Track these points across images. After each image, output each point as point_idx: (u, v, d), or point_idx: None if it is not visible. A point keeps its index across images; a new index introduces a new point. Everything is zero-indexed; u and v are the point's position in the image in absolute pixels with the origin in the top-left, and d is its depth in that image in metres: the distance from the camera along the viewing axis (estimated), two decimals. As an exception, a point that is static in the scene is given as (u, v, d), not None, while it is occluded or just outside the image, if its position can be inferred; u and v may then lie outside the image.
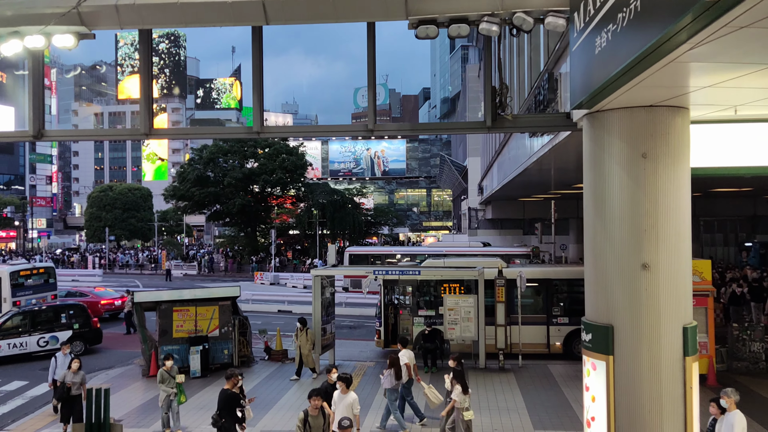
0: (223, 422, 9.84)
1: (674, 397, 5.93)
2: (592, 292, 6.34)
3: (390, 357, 12.33)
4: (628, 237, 5.98)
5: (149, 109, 7.57)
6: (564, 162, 14.87)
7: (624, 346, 6.02)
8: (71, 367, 11.97)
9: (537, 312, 17.86)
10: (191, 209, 54.97)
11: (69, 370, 11.97)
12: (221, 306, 16.90)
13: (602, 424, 6.15)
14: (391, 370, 11.80)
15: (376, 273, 17.17)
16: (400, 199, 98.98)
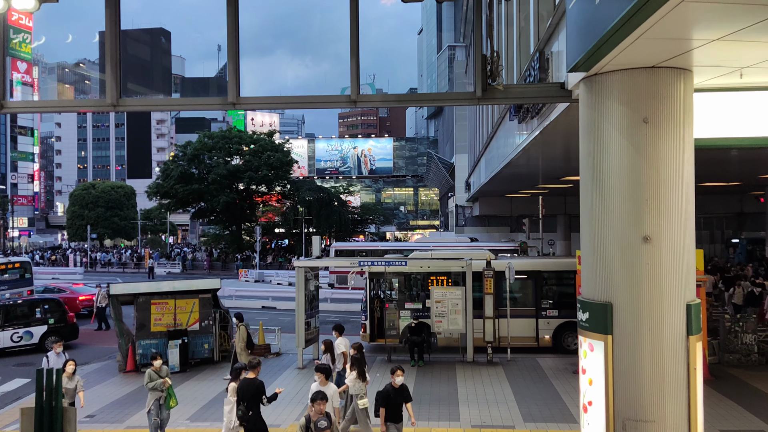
0: (251, 414, 9.13)
1: (677, 378, 5.54)
2: (590, 268, 5.95)
3: (324, 342, 12.54)
4: (628, 208, 5.59)
5: (117, 78, 7.08)
6: (552, 149, 14.53)
7: (624, 324, 5.63)
8: (65, 370, 10.45)
9: (526, 305, 17.50)
10: (175, 207, 54.20)
11: (63, 375, 10.28)
12: (201, 299, 16.37)
13: (600, 408, 5.75)
14: (327, 355, 11.95)
15: (362, 264, 16.72)
16: (387, 198, 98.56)
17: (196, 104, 7.93)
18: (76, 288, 26.79)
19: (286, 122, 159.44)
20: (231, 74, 6.94)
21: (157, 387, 10.27)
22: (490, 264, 16.23)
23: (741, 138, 6.62)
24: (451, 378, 14.50)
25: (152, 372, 10.49)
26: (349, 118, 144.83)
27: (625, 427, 5.60)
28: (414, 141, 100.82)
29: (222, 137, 52.17)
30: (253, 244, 49.37)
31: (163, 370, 10.61)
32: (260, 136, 54.15)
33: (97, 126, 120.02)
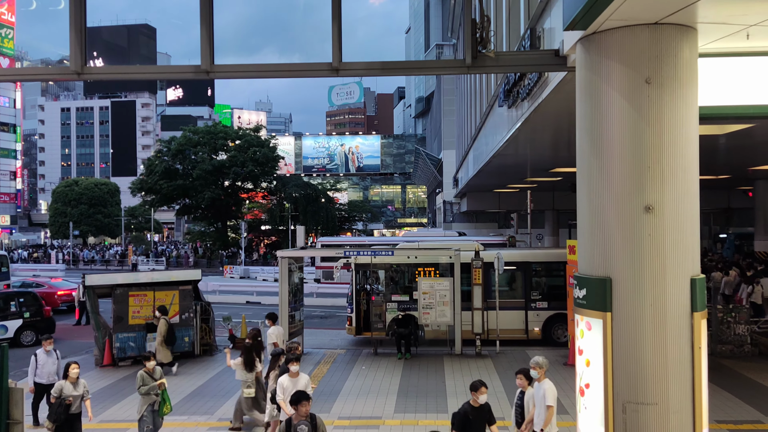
0: None
1: (681, 357, 5.18)
2: (587, 242, 5.56)
3: (252, 330, 12.26)
4: (629, 175, 5.21)
5: (81, 45, 6.60)
6: (542, 136, 14.19)
7: (624, 301, 5.25)
8: (69, 375, 9.00)
9: (515, 296, 17.16)
10: (159, 203, 53.41)
11: (66, 381, 9.01)
12: (182, 291, 15.86)
13: (598, 390, 5.36)
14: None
15: (347, 253, 16.29)
16: (374, 196, 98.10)
17: (165, 72, 7.46)
18: (55, 283, 26.13)
19: (273, 121, 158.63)
20: (204, 39, 6.49)
21: (151, 391, 9.23)
22: (479, 254, 15.86)
23: (747, 106, 6.27)
24: (438, 370, 14.11)
25: (145, 374, 9.37)
26: (337, 116, 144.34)
27: (625, 410, 5.22)
28: (402, 138, 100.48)
29: (207, 132, 51.45)
30: (238, 241, 48.72)
31: (157, 371, 9.52)
32: (246, 132, 53.47)
33: (81, 123, 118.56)
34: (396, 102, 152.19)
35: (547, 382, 7.67)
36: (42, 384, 10.67)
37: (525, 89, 11.10)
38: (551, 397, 7.54)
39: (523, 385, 7.90)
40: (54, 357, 10.90)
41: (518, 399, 8.04)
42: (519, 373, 8.02)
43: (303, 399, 6.46)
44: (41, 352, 10.92)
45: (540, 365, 7.69)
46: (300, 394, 6.59)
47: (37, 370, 10.78)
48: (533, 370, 7.72)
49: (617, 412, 5.26)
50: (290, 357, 8.70)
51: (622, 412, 5.23)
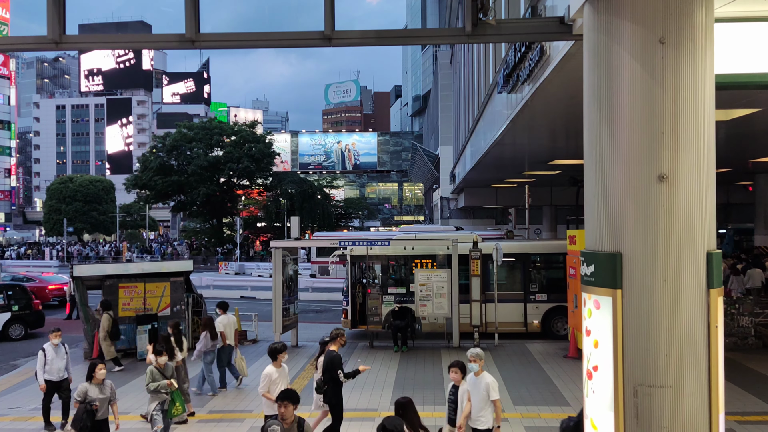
0: (326, 388, 8.40)
1: (696, 337, 4.84)
2: (595, 215, 5.22)
3: (204, 318, 12.26)
4: (642, 143, 4.87)
5: (59, 13, 6.24)
6: (541, 122, 13.83)
7: (635, 277, 4.90)
8: (94, 376, 8.00)
9: (514, 289, 16.82)
10: (154, 199, 52.99)
11: (90, 383, 8.00)
12: (173, 282, 15.48)
13: (607, 373, 5.02)
14: (206, 332, 11.62)
15: (342, 243, 15.93)
16: (371, 194, 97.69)
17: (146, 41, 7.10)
18: (46, 277, 25.77)
19: (270, 119, 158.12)
20: (188, 4, 6.12)
21: (161, 389, 8.46)
22: (477, 245, 15.52)
23: (764, 74, 5.92)
24: (436, 363, 13.78)
25: (155, 370, 8.54)
26: (334, 114, 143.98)
27: (636, 393, 4.88)
28: (398, 136, 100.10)
29: (202, 128, 51.02)
30: (233, 237, 48.31)
31: (168, 368, 8.73)
32: (242, 127, 53.02)
33: (77, 120, 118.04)
34: (393, 100, 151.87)
35: (488, 375, 7.36)
36: (52, 381, 9.93)
37: (525, 71, 10.77)
38: (496, 390, 7.26)
39: (457, 379, 7.44)
40: (63, 351, 10.10)
41: (451, 394, 7.53)
42: (453, 366, 7.52)
43: (284, 398, 5.69)
44: (49, 346, 10.02)
45: (480, 357, 7.35)
46: (290, 394, 5.81)
47: (45, 366, 9.92)
48: (473, 362, 7.33)
49: (628, 395, 4.91)
50: (278, 348, 8.32)
51: (633, 395, 4.89)
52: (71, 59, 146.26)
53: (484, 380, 7.27)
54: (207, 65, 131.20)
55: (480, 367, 7.31)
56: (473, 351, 7.41)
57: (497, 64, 16.10)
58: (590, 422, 5.27)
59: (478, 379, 7.29)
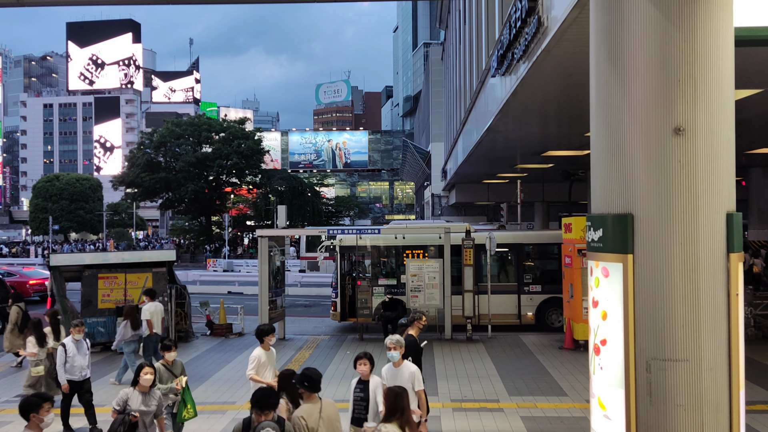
0: None
1: (715, 306, 4.41)
2: (603, 174, 4.77)
3: (126, 306, 11.94)
4: (656, 92, 4.43)
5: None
6: (535, 106, 13.43)
7: (648, 240, 4.47)
8: (139, 381, 6.51)
9: (507, 280, 16.41)
10: (141, 197, 52.24)
11: (135, 389, 6.54)
12: (155, 273, 14.92)
13: (617, 347, 4.57)
14: (127, 321, 11.35)
15: (331, 231, 15.45)
16: (362, 193, 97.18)
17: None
18: (27, 272, 25.08)
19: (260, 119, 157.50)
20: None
21: (170, 391, 7.41)
22: (470, 234, 15.08)
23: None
24: (428, 354, 13.26)
25: (162, 368, 7.46)
26: (324, 114, 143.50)
27: (649, 368, 4.43)
28: (389, 134, 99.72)
29: (191, 124, 50.34)
30: (222, 236, 47.67)
31: (177, 365, 7.67)
32: (231, 124, 52.38)
33: (64, 119, 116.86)
34: (384, 101, 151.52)
35: (410, 364, 6.66)
36: (74, 381, 8.73)
37: (521, 48, 10.34)
38: (421, 380, 6.59)
39: (365, 372, 6.32)
40: (84, 347, 8.94)
41: (359, 390, 6.32)
42: (362, 358, 6.36)
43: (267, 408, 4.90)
44: (69, 341, 8.79)
45: (401, 345, 6.59)
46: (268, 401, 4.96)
47: (66, 365, 8.70)
48: (393, 350, 6.53)
49: (640, 370, 4.47)
50: (266, 329, 7.83)
51: (646, 370, 4.45)
52: (59, 58, 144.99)
53: (407, 370, 6.55)
54: (197, 64, 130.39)
55: (400, 356, 6.56)
56: (393, 338, 6.65)
57: (490, 47, 15.70)
58: (597, 402, 4.82)
59: (399, 370, 6.54)
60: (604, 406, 4.73)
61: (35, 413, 5.15)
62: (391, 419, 5.10)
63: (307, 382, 5.52)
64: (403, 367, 6.55)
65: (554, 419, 8.95)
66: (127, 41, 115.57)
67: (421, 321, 8.14)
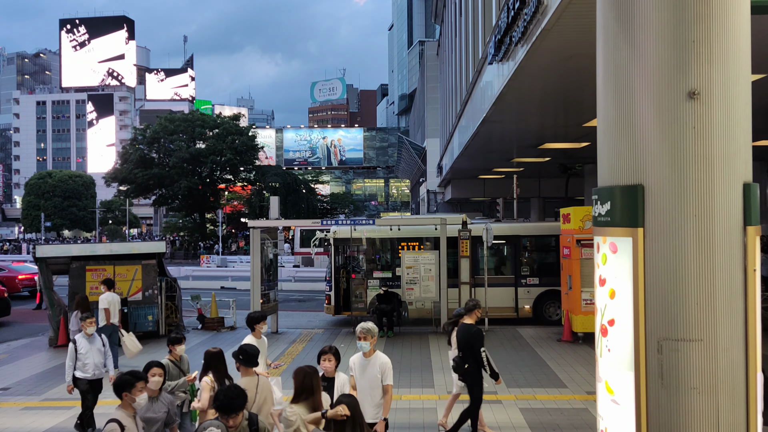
0: (468, 367, 7.31)
1: (731, 282, 4.13)
2: (611, 143, 4.49)
3: (77, 297, 11.83)
4: (669, 53, 4.15)
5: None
6: (532, 93, 13.17)
7: (660, 213, 4.18)
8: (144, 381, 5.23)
9: (504, 272, 16.14)
10: (134, 193, 51.75)
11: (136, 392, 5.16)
12: (145, 265, 14.59)
13: (626, 327, 4.29)
14: (77, 312, 11.18)
15: (324, 222, 15.13)
16: (357, 190, 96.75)
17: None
18: (16, 267, 24.69)
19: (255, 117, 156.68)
20: None
21: (179, 388, 6.74)
22: (467, 225, 14.79)
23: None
24: (423, 347, 13.05)
25: (170, 363, 6.78)
26: (319, 112, 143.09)
27: (661, 349, 4.15)
28: (385, 131, 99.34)
29: (184, 120, 49.90)
30: (216, 233, 47.27)
31: (184, 360, 7.09)
32: (224, 119, 51.98)
33: (58, 117, 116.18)
34: (379, 99, 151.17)
35: (382, 354, 5.97)
36: (87, 380, 8.02)
37: (519, 30, 10.07)
38: (391, 373, 5.88)
39: (330, 369, 5.70)
40: (99, 343, 8.18)
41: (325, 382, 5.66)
42: (326, 353, 5.75)
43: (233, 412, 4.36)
44: (81, 337, 8.08)
45: (372, 334, 5.89)
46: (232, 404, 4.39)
47: (77, 362, 8.01)
48: (362, 340, 5.84)
49: (650, 351, 4.19)
50: (256, 316, 7.55)
51: (658, 351, 4.16)
52: (52, 55, 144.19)
53: (377, 361, 5.85)
54: (191, 62, 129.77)
55: (371, 346, 5.89)
56: (364, 325, 5.93)
57: (487, 35, 15.42)
58: (605, 386, 4.53)
59: (369, 361, 5.86)
60: (612, 391, 4.45)
61: (128, 392, 4.94)
62: (299, 400, 4.87)
63: (243, 356, 5.60)
64: (375, 358, 5.89)
65: (554, 411, 8.68)
66: (121, 38, 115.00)
67: (479, 309, 7.68)
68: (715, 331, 4.10)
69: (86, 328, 8.09)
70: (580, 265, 13.04)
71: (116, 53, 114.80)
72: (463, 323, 7.60)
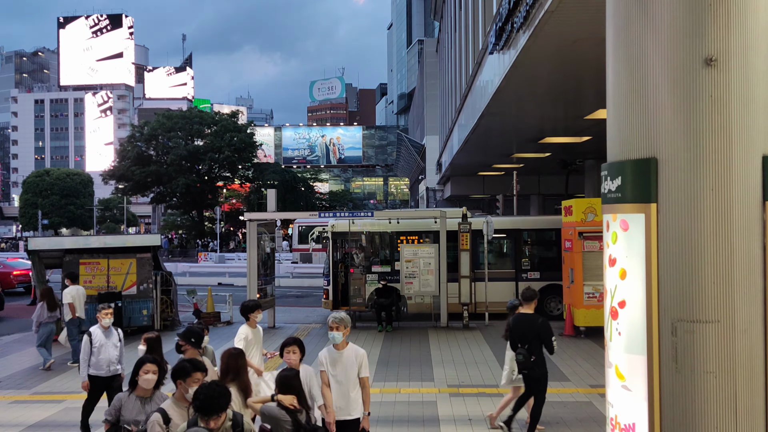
0: (534, 359, 6.86)
1: (750, 260, 3.91)
2: (623, 116, 4.26)
3: (42, 288, 11.80)
4: (684, 17, 3.93)
5: None
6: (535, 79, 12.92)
7: (674, 187, 3.96)
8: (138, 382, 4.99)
9: (505, 267, 15.91)
10: (132, 191, 51.45)
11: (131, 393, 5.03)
12: (139, 259, 14.35)
13: (638, 308, 4.06)
14: (43, 302, 11.17)
15: (322, 215, 14.89)
16: (356, 189, 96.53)
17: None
18: (11, 263, 24.45)
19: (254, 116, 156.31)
20: None
21: None
22: (467, 217, 14.56)
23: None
24: (423, 341, 12.82)
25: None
26: (318, 111, 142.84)
27: (675, 331, 3.92)
28: (384, 129, 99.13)
29: (182, 117, 49.62)
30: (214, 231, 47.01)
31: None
32: (223, 116, 51.71)
33: (56, 115, 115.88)
34: (378, 98, 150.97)
35: (357, 347, 5.50)
36: (100, 377, 7.33)
37: (521, 15, 9.85)
38: (367, 365, 5.45)
39: (295, 361, 5.26)
40: (116, 336, 7.47)
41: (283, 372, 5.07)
42: (290, 344, 5.32)
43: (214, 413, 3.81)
44: (97, 329, 7.36)
45: (346, 324, 5.40)
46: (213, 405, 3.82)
47: (92, 357, 7.27)
48: (336, 330, 5.33)
49: (664, 334, 3.96)
50: (251, 305, 7.31)
51: (671, 334, 3.94)
52: (50, 53, 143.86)
53: (352, 353, 5.38)
54: (190, 60, 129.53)
55: (344, 338, 5.40)
56: (336, 314, 5.46)
57: (487, 25, 15.20)
58: (614, 371, 4.31)
59: (342, 354, 5.35)
60: (623, 376, 4.22)
61: (182, 380, 4.46)
62: (225, 381, 4.81)
63: (194, 338, 5.61)
64: (348, 351, 5.39)
65: (557, 404, 8.45)
66: (119, 37, 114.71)
67: (534, 300, 7.30)
68: (733, 311, 3.88)
69: (102, 320, 7.38)
70: (582, 258, 12.81)
71: (115, 52, 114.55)
72: (521, 313, 7.20)
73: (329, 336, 5.46)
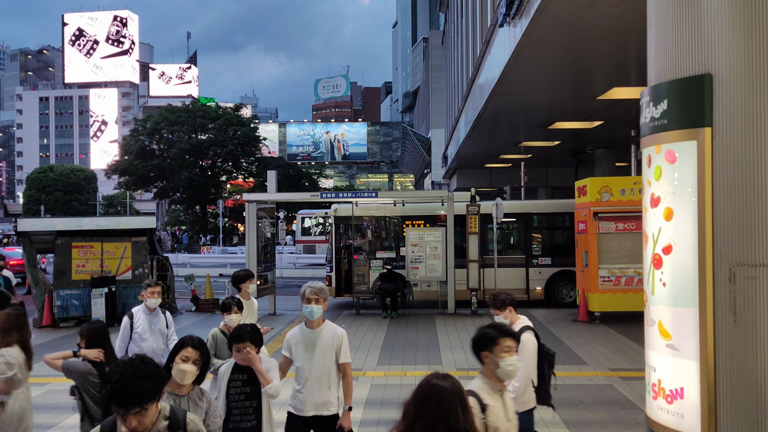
0: None
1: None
2: (667, 27, 3.66)
3: None
4: None
5: None
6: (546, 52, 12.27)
7: (733, 108, 3.36)
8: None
9: (515, 252, 15.30)
10: (135, 185, 50.97)
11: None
12: (135, 243, 13.80)
13: (688, 251, 3.45)
14: None
15: (324, 195, 14.33)
16: (361, 185, 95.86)
17: None
18: (7, 252, 23.94)
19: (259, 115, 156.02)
20: None
21: None
22: (475, 199, 13.96)
23: None
24: (430, 327, 12.24)
25: (221, 335, 5.19)
26: (323, 110, 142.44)
27: (733, 277, 3.32)
28: (388, 126, 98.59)
29: (185, 111, 49.13)
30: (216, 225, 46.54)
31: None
32: (226, 110, 51.20)
33: (60, 113, 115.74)
34: (383, 96, 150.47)
35: (333, 325, 4.51)
36: None
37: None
38: (348, 348, 4.46)
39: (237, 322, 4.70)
40: (162, 322, 6.10)
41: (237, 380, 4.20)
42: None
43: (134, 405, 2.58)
44: (139, 311, 6.05)
45: (324, 295, 4.46)
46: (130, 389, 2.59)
47: (131, 344, 5.91)
48: (314, 303, 4.36)
49: (720, 281, 3.36)
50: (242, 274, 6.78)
51: (729, 281, 3.33)
52: (55, 51, 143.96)
53: (329, 332, 4.41)
54: (194, 59, 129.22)
55: (322, 312, 4.44)
56: (314, 284, 4.48)
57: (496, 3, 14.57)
58: (658, 328, 3.69)
59: (318, 334, 4.38)
60: (668, 334, 3.61)
61: (488, 351, 3.37)
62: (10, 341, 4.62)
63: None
64: (324, 329, 4.41)
65: (576, 387, 7.85)
66: (124, 35, 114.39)
67: None
68: (804, 252, 3.26)
69: (147, 300, 5.99)
70: (597, 240, 12.19)
71: (119, 50, 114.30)
72: None
73: (304, 311, 4.40)
